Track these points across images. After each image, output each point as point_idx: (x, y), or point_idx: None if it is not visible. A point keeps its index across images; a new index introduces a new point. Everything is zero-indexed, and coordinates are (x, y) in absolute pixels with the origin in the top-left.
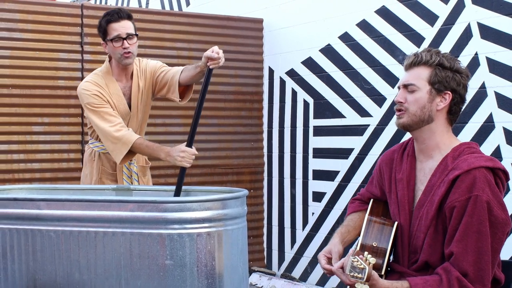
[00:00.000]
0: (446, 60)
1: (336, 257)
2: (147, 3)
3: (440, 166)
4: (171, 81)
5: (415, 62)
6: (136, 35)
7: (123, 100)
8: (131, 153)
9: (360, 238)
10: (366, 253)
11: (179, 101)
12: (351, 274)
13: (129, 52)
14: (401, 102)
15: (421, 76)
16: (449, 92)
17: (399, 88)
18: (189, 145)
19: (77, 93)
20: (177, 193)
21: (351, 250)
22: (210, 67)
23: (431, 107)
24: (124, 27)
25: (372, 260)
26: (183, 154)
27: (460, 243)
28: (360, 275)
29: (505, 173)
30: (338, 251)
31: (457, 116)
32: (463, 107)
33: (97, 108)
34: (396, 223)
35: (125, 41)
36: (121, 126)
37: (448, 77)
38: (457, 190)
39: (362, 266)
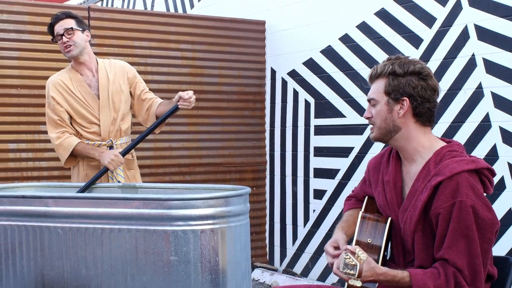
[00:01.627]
0: (399, 66)
1: (343, 243)
2: (152, 6)
3: (423, 171)
4: (149, 112)
5: (374, 76)
6: (72, 28)
7: (89, 89)
8: (75, 157)
9: (355, 235)
10: (357, 249)
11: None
12: (344, 271)
13: (69, 45)
14: (369, 117)
15: (379, 89)
16: (406, 98)
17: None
18: (123, 154)
19: None
20: (84, 189)
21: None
22: (179, 106)
23: (393, 117)
24: (62, 25)
25: (364, 257)
26: (114, 157)
27: (451, 249)
28: (352, 272)
29: (491, 170)
30: (343, 238)
31: (428, 116)
32: (432, 106)
33: (50, 111)
34: (389, 218)
35: (63, 36)
36: (62, 133)
37: (401, 84)
38: (440, 196)
39: (353, 263)
